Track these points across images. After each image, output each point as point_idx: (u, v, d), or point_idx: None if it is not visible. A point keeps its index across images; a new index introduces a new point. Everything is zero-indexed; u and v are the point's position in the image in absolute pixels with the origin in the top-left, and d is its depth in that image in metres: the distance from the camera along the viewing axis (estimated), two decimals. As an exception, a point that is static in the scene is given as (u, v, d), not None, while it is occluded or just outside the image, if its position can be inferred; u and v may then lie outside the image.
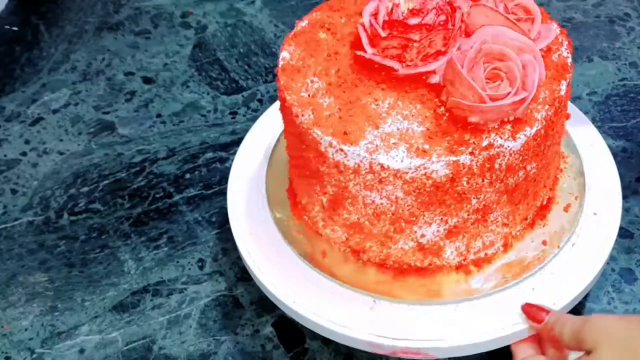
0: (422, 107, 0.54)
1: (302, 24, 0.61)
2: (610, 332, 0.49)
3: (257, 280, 0.61)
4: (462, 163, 0.50)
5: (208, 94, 0.88)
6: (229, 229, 0.64)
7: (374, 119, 0.53)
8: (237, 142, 0.71)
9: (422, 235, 0.55)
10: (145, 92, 0.89)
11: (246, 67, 0.91)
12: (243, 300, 0.67)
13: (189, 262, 0.70)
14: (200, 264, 0.70)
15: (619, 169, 0.65)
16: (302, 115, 0.53)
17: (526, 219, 0.59)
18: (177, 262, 0.70)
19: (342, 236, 0.58)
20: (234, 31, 0.96)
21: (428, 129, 0.52)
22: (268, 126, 0.71)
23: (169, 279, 0.69)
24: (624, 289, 0.65)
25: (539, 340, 0.56)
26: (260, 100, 0.86)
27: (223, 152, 0.80)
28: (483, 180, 0.52)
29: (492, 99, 0.50)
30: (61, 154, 0.82)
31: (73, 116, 0.86)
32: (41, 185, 0.79)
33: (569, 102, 0.69)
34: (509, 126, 0.52)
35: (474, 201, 0.53)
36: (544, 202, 0.61)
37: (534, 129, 0.52)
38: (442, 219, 0.54)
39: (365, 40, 0.55)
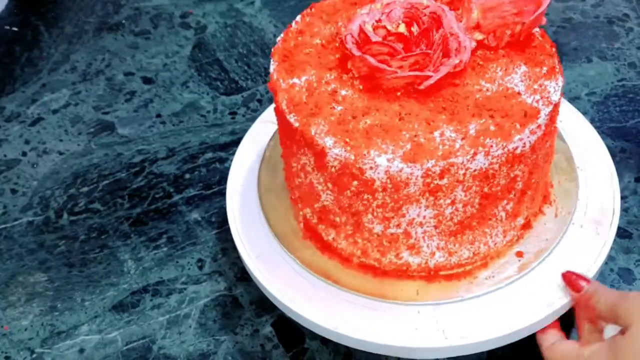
0: (505, 67, 0.56)
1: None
2: None
3: (256, 280, 0.61)
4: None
5: (208, 94, 0.88)
6: (229, 229, 0.64)
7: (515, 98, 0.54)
8: (237, 142, 0.72)
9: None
10: (145, 92, 0.89)
11: (246, 67, 0.91)
12: (242, 300, 0.67)
13: (188, 262, 0.70)
14: (199, 264, 0.70)
15: (617, 169, 0.65)
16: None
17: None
18: (177, 262, 0.70)
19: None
20: (233, 31, 0.96)
21: (528, 68, 0.56)
22: (267, 126, 0.71)
23: (169, 279, 0.69)
24: (623, 289, 0.65)
25: (575, 312, 0.56)
26: (259, 101, 0.86)
27: (222, 153, 0.80)
28: None
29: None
30: (61, 154, 0.82)
31: (73, 116, 0.87)
32: (41, 185, 0.79)
33: (568, 103, 0.70)
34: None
35: None
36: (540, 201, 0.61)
37: None
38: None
39: (419, 73, 0.53)
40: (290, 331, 0.64)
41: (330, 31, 0.60)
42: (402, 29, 0.55)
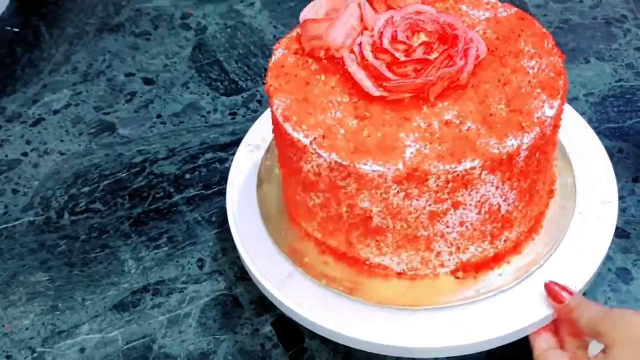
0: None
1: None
2: (629, 330, 0.48)
3: (255, 280, 0.61)
4: None
5: (208, 95, 0.88)
6: (229, 229, 0.64)
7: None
8: (237, 143, 0.72)
9: None
10: (146, 93, 0.89)
11: (246, 68, 0.91)
12: (243, 299, 0.67)
13: (189, 262, 0.71)
14: (200, 263, 0.70)
15: (615, 169, 0.65)
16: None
17: None
18: (177, 261, 0.71)
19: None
20: (233, 33, 0.97)
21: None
22: (267, 126, 0.71)
23: (169, 278, 0.69)
24: (621, 289, 0.65)
25: (557, 326, 0.55)
26: (259, 101, 0.87)
27: (223, 153, 0.81)
28: None
29: None
30: (62, 154, 0.83)
31: (74, 117, 0.87)
32: (42, 185, 0.79)
33: (566, 104, 0.70)
34: None
35: None
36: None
37: None
38: None
39: (451, 69, 0.54)
40: (290, 331, 0.65)
41: (314, 70, 0.59)
42: (423, 37, 0.55)
